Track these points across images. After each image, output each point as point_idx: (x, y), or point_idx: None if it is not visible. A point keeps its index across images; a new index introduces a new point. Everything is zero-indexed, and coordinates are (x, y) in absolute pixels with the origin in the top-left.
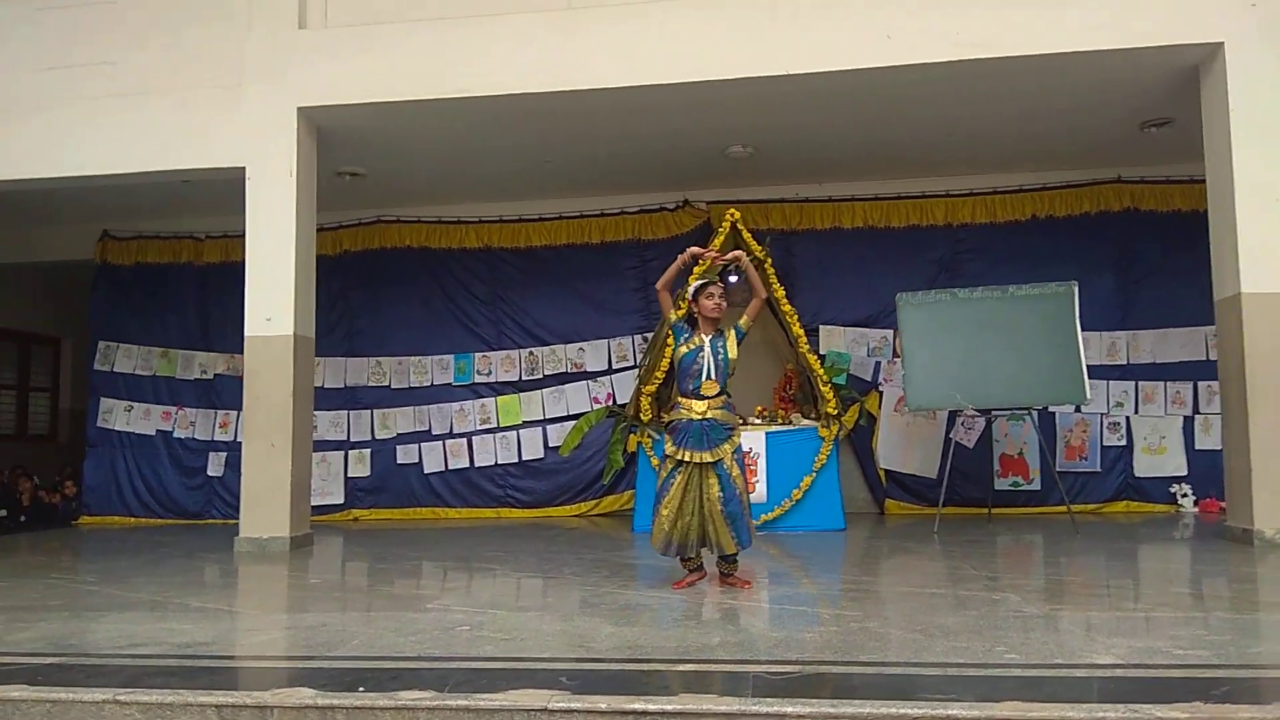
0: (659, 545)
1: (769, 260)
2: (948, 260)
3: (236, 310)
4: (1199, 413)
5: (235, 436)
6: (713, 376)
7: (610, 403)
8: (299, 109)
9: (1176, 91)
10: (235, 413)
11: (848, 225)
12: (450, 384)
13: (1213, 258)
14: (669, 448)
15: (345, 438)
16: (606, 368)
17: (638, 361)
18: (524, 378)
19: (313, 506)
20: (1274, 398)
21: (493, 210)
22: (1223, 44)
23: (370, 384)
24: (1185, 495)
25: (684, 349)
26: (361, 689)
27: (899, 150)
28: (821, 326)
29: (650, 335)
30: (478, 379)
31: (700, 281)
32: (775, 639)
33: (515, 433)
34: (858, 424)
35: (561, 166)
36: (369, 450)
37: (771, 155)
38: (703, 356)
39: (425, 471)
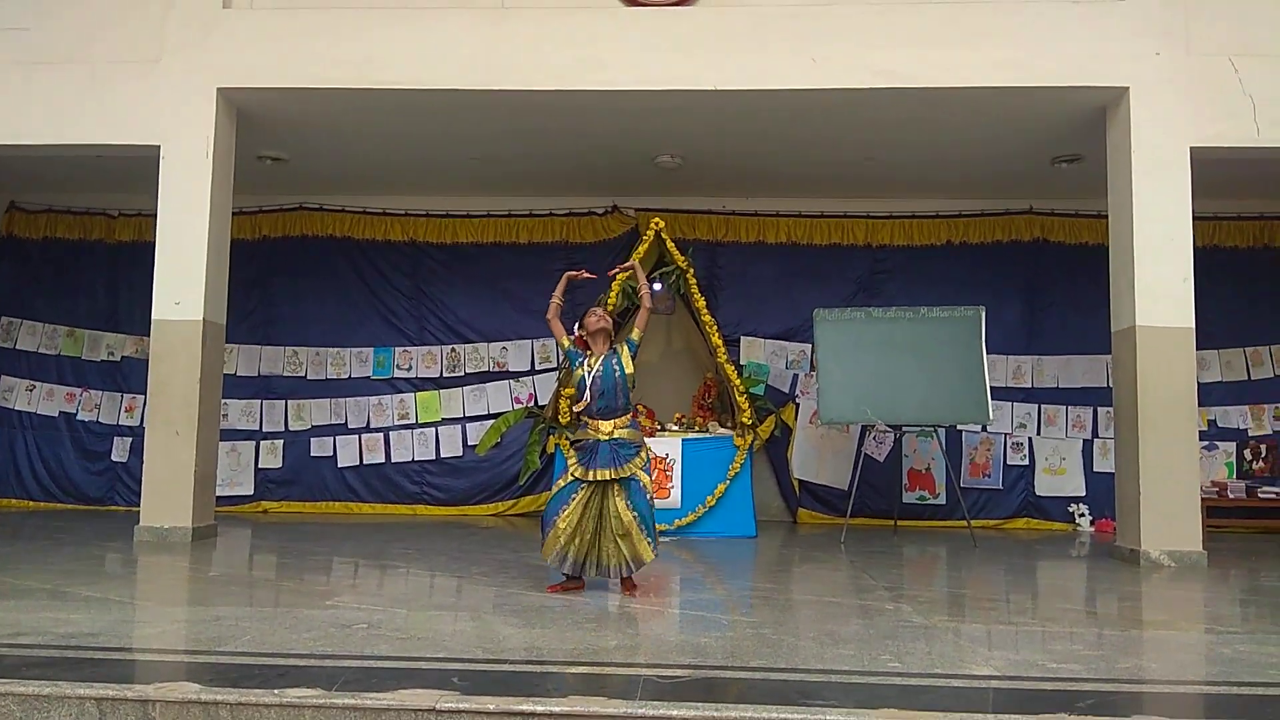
0: (554, 560)
1: (691, 271)
2: (866, 280)
3: (147, 291)
4: (1098, 436)
5: (141, 422)
6: (603, 394)
7: (531, 403)
8: (218, 89)
9: (1086, 129)
10: (142, 397)
11: (771, 240)
12: (369, 377)
13: (1111, 291)
14: (575, 469)
15: (257, 428)
16: (529, 368)
17: (559, 363)
18: (445, 374)
19: (221, 497)
20: (1163, 427)
21: (419, 204)
22: (1128, 89)
23: (285, 374)
24: (1082, 515)
25: (579, 372)
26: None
27: (823, 170)
28: (742, 338)
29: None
30: (397, 374)
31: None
32: (672, 643)
33: (434, 429)
34: (773, 434)
35: (490, 164)
36: (281, 441)
37: (700, 167)
38: (596, 379)
39: (339, 465)
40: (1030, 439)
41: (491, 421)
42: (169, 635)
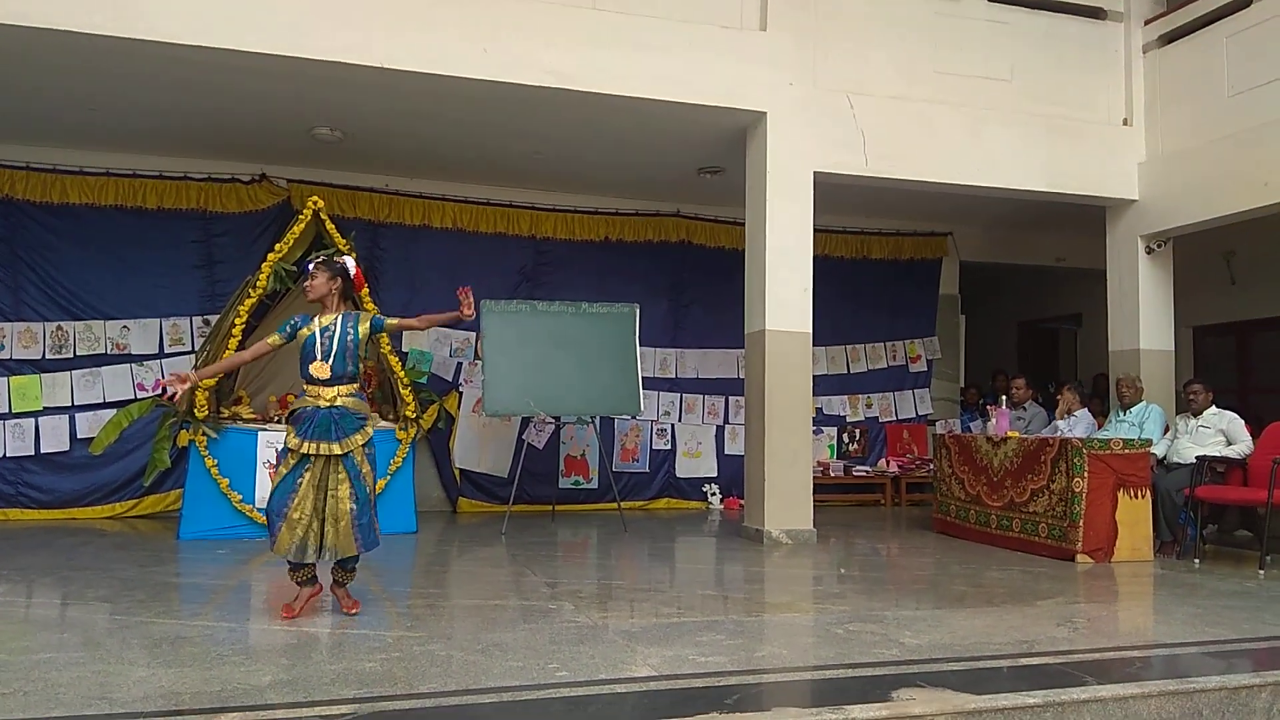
0: (292, 553)
1: (354, 253)
2: (530, 270)
3: None
4: (729, 423)
5: None
6: (326, 359)
7: (159, 391)
8: None
9: (729, 146)
10: None
11: (437, 225)
12: None
13: (746, 296)
14: (291, 440)
15: None
16: (157, 351)
17: (195, 348)
18: (48, 356)
19: None
20: (787, 420)
21: (15, 154)
22: (765, 114)
23: None
24: (714, 494)
25: (305, 332)
26: None
27: (491, 158)
28: None
29: (214, 319)
30: None
31: (311, 260)
32: (334, 673)
33: (33, 420)
34: (435, 424)
35: (110, 115)
36: None
37: (362, 142)
38: (328, 338)
39: None
40: (673, 425)
41: (108, 411)
42: None
